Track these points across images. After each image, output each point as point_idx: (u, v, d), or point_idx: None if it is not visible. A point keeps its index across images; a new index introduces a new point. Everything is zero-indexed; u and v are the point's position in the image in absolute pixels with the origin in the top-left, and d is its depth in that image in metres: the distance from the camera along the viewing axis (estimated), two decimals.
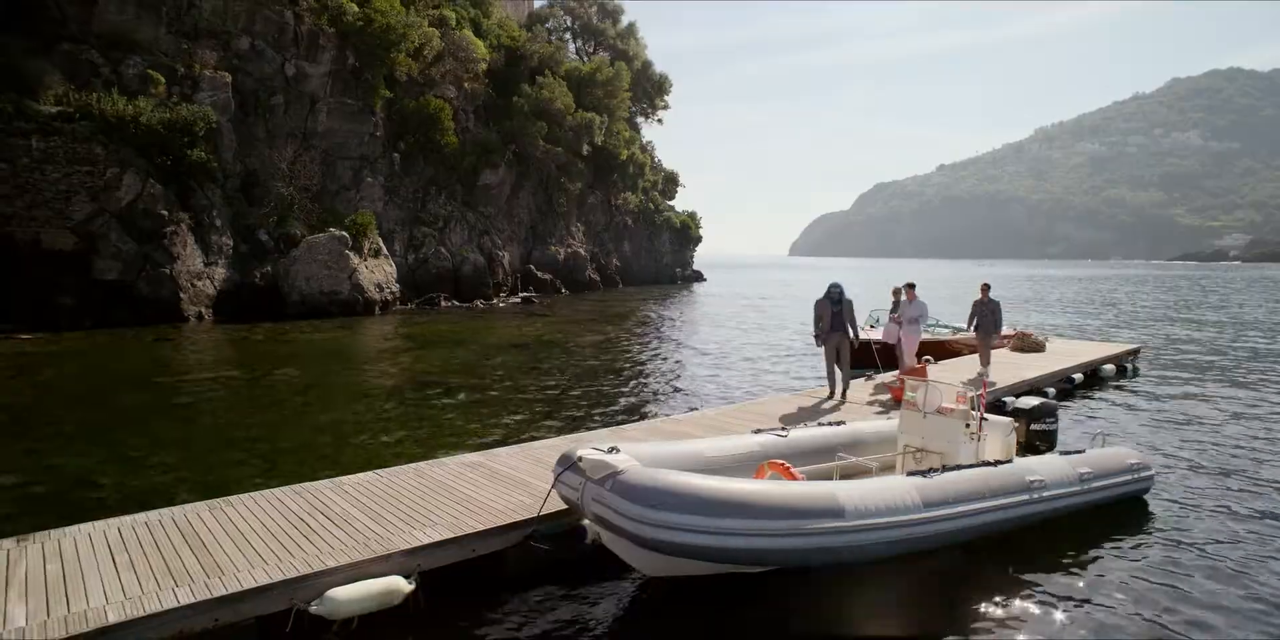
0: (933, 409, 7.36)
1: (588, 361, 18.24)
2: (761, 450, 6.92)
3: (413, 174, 37.79)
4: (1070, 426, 11.26)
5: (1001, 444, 7.59)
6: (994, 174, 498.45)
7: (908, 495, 5.66)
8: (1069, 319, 33.24)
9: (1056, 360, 15.76)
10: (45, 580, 4.60)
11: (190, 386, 13.93)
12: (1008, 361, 15.50)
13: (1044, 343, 17.76)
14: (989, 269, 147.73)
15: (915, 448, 7.48)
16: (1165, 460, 9.49)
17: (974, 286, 19.30)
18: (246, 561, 4.89)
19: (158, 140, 25.68)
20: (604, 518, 5.11)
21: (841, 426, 7.96)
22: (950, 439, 7.15)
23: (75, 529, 5.45)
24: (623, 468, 5.13)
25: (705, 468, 6.23)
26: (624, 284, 53.70)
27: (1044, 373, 14.16)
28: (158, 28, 28.45)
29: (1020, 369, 14.43)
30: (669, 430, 9.06)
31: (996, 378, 13.33)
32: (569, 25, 59.49)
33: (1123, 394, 14.45)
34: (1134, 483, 7.71)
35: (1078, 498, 7.00)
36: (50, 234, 23.51)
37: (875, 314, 18.74)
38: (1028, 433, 8.47)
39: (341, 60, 34.05)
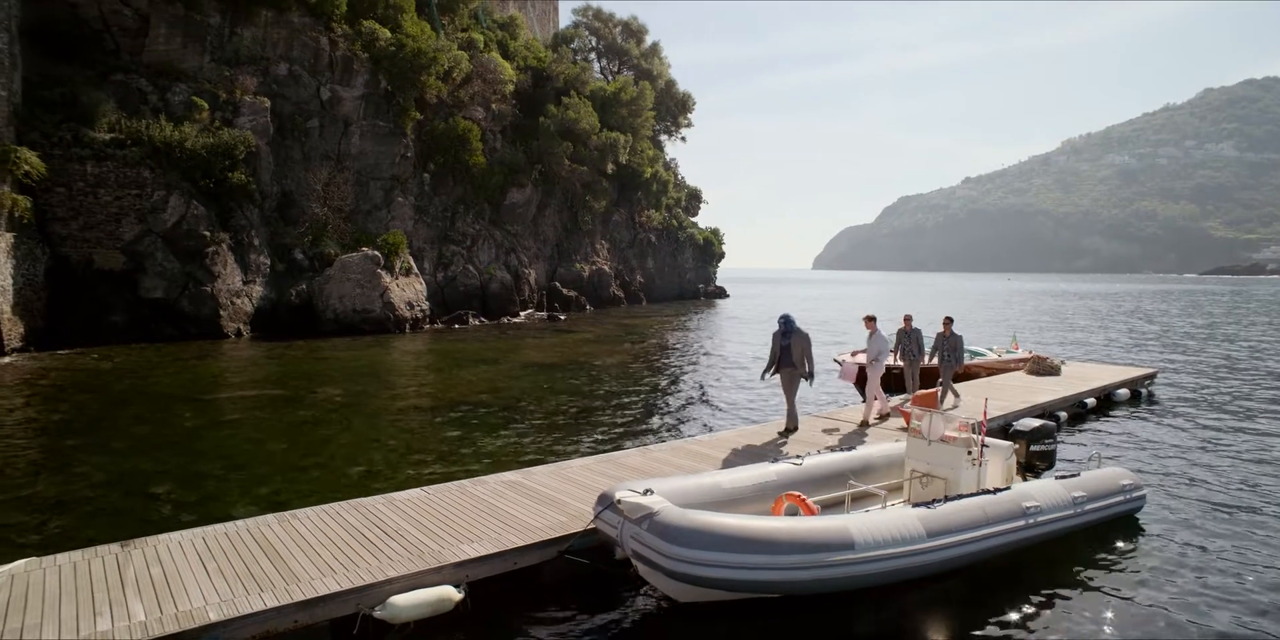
0: (937, 437, 7.89)
1: (614, 380, 18.87)
2: (778, 480, 7.51)
3: (442, 193, 38.82)
4: (1073, 450, 11.69)
5: (1002, 468, 8.13)
6: (1020, 187, 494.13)
7: (912, 526, 6.24)
8: (1089, 338, 33.31)
9: (1070, 384, 15.94)
10: (152, 581, 5.34)
11: (237, 403, 14.75)
12: (1021, 385, 15.84)
13: (1059, 366, 17.92)
14: (1015, 283, 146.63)
15: (921, 473, 8.01)
16: (1162, 482, 9.92)
17: (1005, 302, 19.64)
18: (318, 570, 5.57)
19: (201, 164, 26.85)
20: (641, 554, 5.78)
21: (853, 452, 8.52)
22: (953, 465, 7.69)
23: (167, 537, 6.20)
24: (657, 509, 5.80)
25: (727, 498, 6.92)
26: (647, 300, 54.38)
27: (1056, 397, 14.40)
28: (202, 56, 29.74)
29: (1033, 393, 14.70)
30: (693, 451, 9.68)
31: (1009, 401, 13.75)
32: (594, 45, 60.58)
33: (1133, 419, 14.65)
34: (1126, 503, 8.24)
35: (1072, 520, 7.53)
36: (102, 254, 24.69)
37: (893, 339, 19.19)
38: (1027, 453, 8.89)
39: (374, 84, 35.20)
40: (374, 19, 35.41)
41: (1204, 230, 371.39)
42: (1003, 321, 42.21)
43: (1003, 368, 18.54)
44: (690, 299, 61.65)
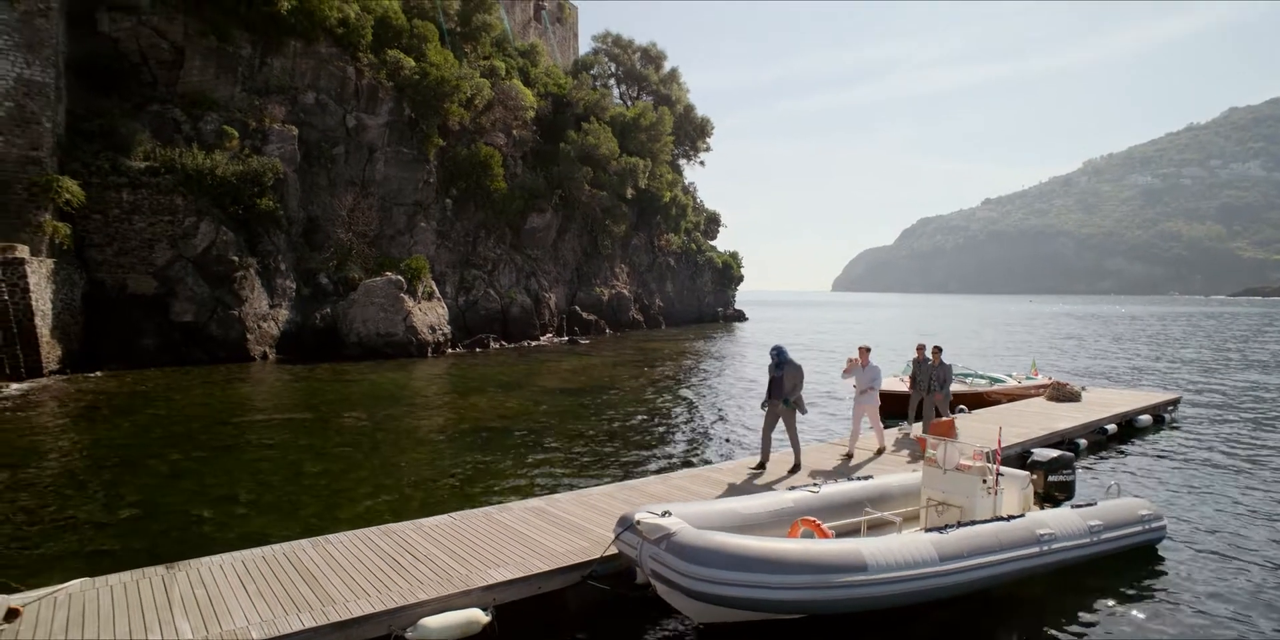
0: (952, 466, 8.04)
1: (634, 405, 19.08)
2: (794, 506, 7.68)
3: (463, 218, 39.44)
4: (1093, 477, 11.70)
5: (1018, 497, 8.25)
6: (1041, 208, 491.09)
7: (925, 550, 6.39)
8: (1112, 362, 33.10)
9: (1091, 411, 15.83)
10: (197, 602, 5.62)
11: (266, 427, 15.11)
12: (1040, 412, 15.84)
13: (1079, 392, 17.86)
14: (1036, 305, 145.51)
15: (937, 501, 8.14)
16: (1183, 512, 9.91)
17: (1026, 326, 19.64)
18: (351, 593, 5.81)
19: (230, 190, 27.59)
20: (659, 573, 5.98)
21: (869, 481, 8.68)
22: (969, 493, 7.82)
23: (209, 560, 6.49)
24: (674, 530, 6.01)
25: (744, 524, 7.10)
26: (666, 324, 54.61)
27: (1076, 424, 14.32)
28: (233, 86, 30.64)
29: (1052, 420, 14.66)
30: (712, 478, 9.88)
31: (1028, 428, 13.77)
32: (613, 71, 61.49)
33: (1155, 446, 14.54)
34: (1145, 533, 8.27)
35: (1088, 548, 7.61)
36: (135, 279, 25.38)
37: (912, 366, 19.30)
38: (1045, 484, 8.90)
39: (398, 111, 36.02)
40: (399, 48, 36.31)
41: (1231, 251, 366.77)
42: (1023, 346, 42.03)
43: (1022, 394, 18.56)
44: (709, 322, 61.80)
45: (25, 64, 23.25)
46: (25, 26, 23.53)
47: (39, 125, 23.19)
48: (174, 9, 28.67)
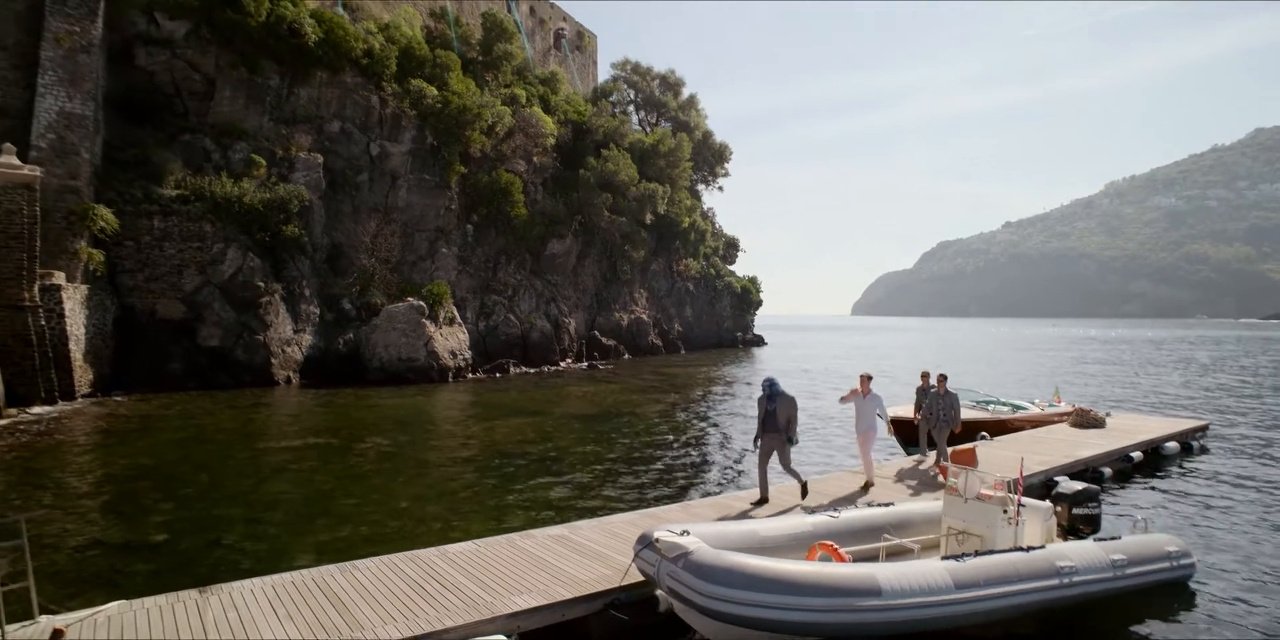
0: (973, 495, 8.04)
1: (654, 431, 19.14)
2: (813, 531, 7.72)
3: (484, 244, 39.92)
4: (1119, 512, 11.51)
5: (1041, 528, 8.20)
6: (1063, 231, 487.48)
7: (940, 577, 6.40)
8: (1138, 387, 32.71)
9: (1115, 438, 15.58)
10: (230, 625, 5.76)
11: (292, 452, 15.32)
12: (1063, 439, 15.67)
13: (1103, 418, 17.61)
14: (1060, 329, 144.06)
15: (958, 530, 8.13)
16: (1215, 548, 9.67)
17: (1049, 351, 19.51)
18: (379, 619, 5.93)
19: (257, 217, 28.19)
20: (676, 591, 6.05)
21: (890, 508, 8.68)
22: (989, 523, 7.81)
23: (240, 584, 6.65)
24: (692, 549, 6.09)
25: (762, 546, 7.14)
26: (685, 349, 54.63)
27: (1100, 451, 14.09)
28: (262, 116, 31.41)
29: (1076, 447, 14.44)
30: (731, 506, 9.92)
31: (1050, 455, 13.65)
32: (632, 98, 62.24)
33: (1183, 475, 14.26)
34: (1172, 570, 8.09)
35: (1110, 583, 7.50)
36: (165, 304, 25.92)
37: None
38: (1070, 517, 8.72)
39: (421, 139, 36.70)
40: (422, 78, 37.08)
41: (1262, 273, 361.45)
42: (1045, 371, 41.63)
43: (1045, 421, 18.39)
44: (728, 347, 61.71)
45: (67, 98, 24.06)
46: (69, 62, 24.41)
47: (78, 156, 23.91)
48: (207, 42, 29.55)
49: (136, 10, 28.25)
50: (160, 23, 28.87)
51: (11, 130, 23.54)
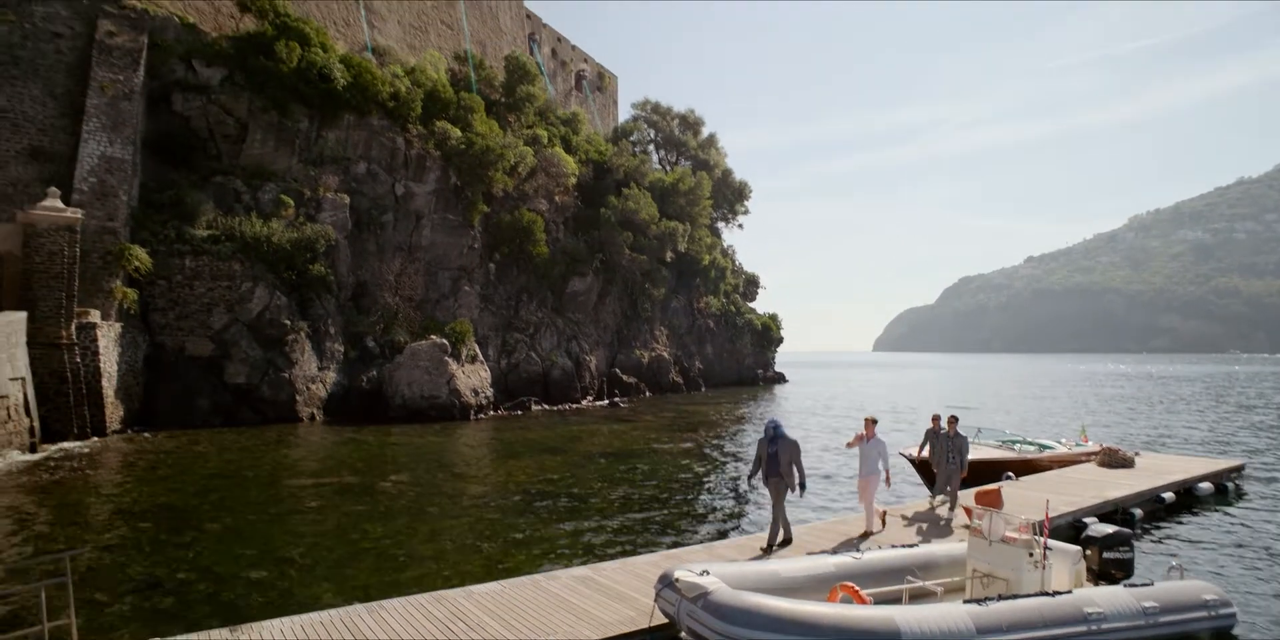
0: (998, 537, 7.95)
1: (676, 470, 19.07)
2: (835, 572, 7.66)
3: (506, 282, 40.34)
4: (1151, 554, 11.24)
5: (1069, 572, 8.04)
6: (1087, 265, 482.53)
7: (961, 621, 6.33)
8: (1168, 425, 32.07)
9: (1146, 478, 15.28)
10: None
11: (316, 490, 15.43)
12: (1091, 479, 15.42)
13: (1132, 458, 17.32)
14: (1086, 366, 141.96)
15: (983, 573, 8.03)
16: (1258, 597, 9.34)
17: (1076, 387, 19.23)
18: None
19: (285, 257, 28.77)
20: (696, 631, 6.06)
21: (914, 549, 8.59)
22: (1015, 566, 7.71)
23: (270, 623, 6.74)
24: (712, 589, 6.10)
25: (783, 587, 7.10)
26: (706, 386, 54.43)
27: (1130, 492, 13.82)
28: (291, 158, 32.25)
29: (1104, 488, 14.19)
30: (754, 547, 9.89)
31: (1078, 496, 13.42)
32: (652, 137, 63.04)
33: (1220, 518, 13.87)
34: (1209, 619, 7.78)
35: (1142, 632, 7.27)
36: (194, 342, 26.39)
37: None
38: (1100, 561, 8.49)
39: (445, 180, 37.42)
40: (446, 119, 37.97)
41: None
42: (1072, 410, 41.01)
43: (1072, 460, 18.12)
44: (749, 385, 61.42)
45: (109, 142, 24.95)
46: (111, 109, 25.37)
47: (117, 198, 24.68)
48: (240, 88, 30.53)
49: (175, 58, 29.34)
50: (197, 70, 29.92)
51: (57, 174, 24.44)
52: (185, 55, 29.70)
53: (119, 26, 27.37)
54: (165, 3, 30.48)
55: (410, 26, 44.06)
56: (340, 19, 39.18)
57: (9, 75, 25.16)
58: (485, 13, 50.46)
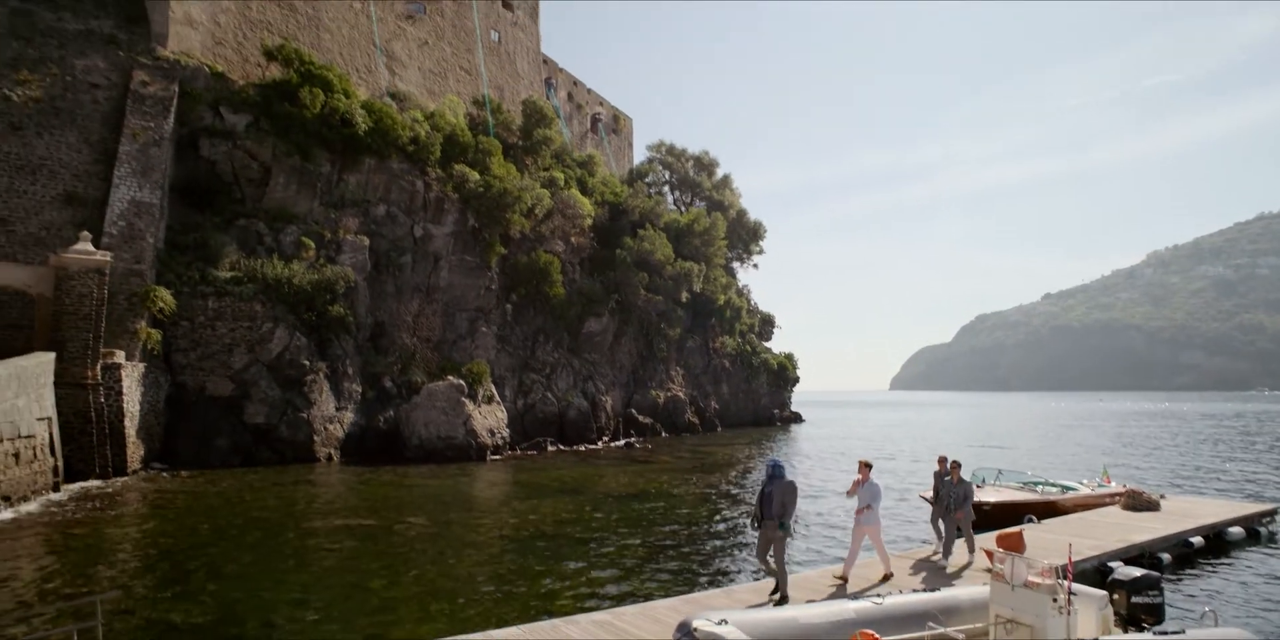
0: (1020, 581, 7.83)
1: (693, 512, 18.93)
2: (855, 617, 7.56)
3: (523, 323, 40.61)
4: (1182, 599, 11.00)
5: (1095, 618, 7.86)
6: (1106, 302, 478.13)
7: None
8: (1196, 467, 31.51)
9: (1173, 521, 14.95)
10: None
11: (334, 532, 15.44)
12: (1115, 522, 15.15)
13: (1158, 501, 16.99)
14: (1108, 404, 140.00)
15: (1006, 618, 7.90)
16: None
17: (1099, 426, 18.98)
18: None
19: (305, 298, 29.18)
20: None
21: (936, 593, 8.46)
22: (1039, 612, 7.56)
23: None
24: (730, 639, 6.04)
25: (801, 634, 7.03)
26: (722, 426, 54.06)
27: (1157, 536, 13.52)
28: (312, 201, 32.92)
29: (1130, 532, 13.92)
30: (771, 590, 9.73)
31: (1102, 540, 13.19)
32: (667, 179, 63.78)
33: (1253, 563, 13.48)
34: None
35: None
36: (214, 382, 26.70)
37: (980, 474, 18.85)
38: (1129, 605, 8.28)
39: (463, 222, 37.98)
40: (464, 162, 38.71)
41: None
42: (1093, 449, 40.37)
43: (1096, 503, 17.85)
44: (765, 425, 60.96)
45: (138, 187, 25.67)
46: (142, 155, 26.15)
47: (144, 241, 25.27)
48: (265, 133, 31.35)
49: (204, 106, 30.23)
50: (225, 116, 30.80)
51: (89, 218, 25.13)
52: (213, 102, 30.60)
53: (152, 76, 28.34)
54: (196, 54, 31.53)
55: (430, 72, 45.23)
56: (362, 66, 40.32)
57: (49, 125, 26.11)
58: (503, 58, 51.75)
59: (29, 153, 25.56)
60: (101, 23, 29.26)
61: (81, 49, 28.12)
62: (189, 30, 31.71)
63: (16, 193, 25.06)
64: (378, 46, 41.43)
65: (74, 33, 28.36)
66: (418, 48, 44.53)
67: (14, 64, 26.50)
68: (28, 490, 17.47)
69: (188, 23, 31.71)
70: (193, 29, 31.90)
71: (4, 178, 24.94)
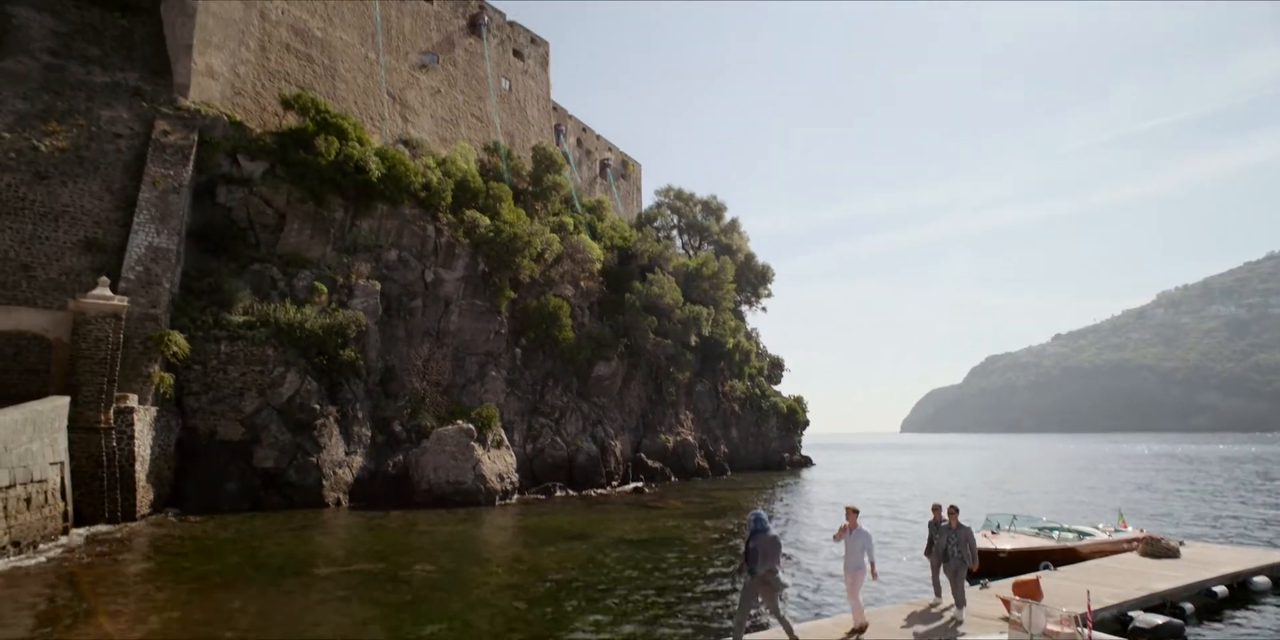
0: (1039, 630, 7.78)
1: (704, 558, 18.72)
2: None
3: (532, 367, 40.68)
4: None
5: None
6: (1117, 342, 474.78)
7: None
8: (1215, 512, 30.97)
9: (1194, 569, 14.66)
10: None
11: (342, 579, 15.35)
12: (1134, 570, 14.89)
13: (1177, 548, 16.71)
14: (1123, 446, 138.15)
15: None
16: None
17: (1115, 469, 18.78)
18: None
19: (317, 342, 29.40)
20: None
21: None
22: None
23: None
24: None
25: None
26: (732, 470, 53.46)
27: (1178, 585, 13.27)
28: (325, 246, 33.40)
29: (1150, 579, 13.65)
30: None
31: (1121, 588, 12.97)
32: (675, 223, 64.37)
33: None
34: None
35: None
36: (225, 426, 26.78)
37: (994, 519, 18.65)
38: None
39: (473, 266, 38.39)
40: (475, 208, 39.28)
41: None
42: (1107, 493, 39.74)
43: (1113, 549, 17.60)
44: (776, 469, 60.28)
45: (156, 233, 26.18)
46: (161, 202, 26.75)
47: (160, 286, 25.66)
48: (280, 180, 32.00)
49: (222, 153, 30.95)
50: (241, 164, 31.51)
51: (108, 263, 25.60)
52: (231, 150, 31.32)
53: (173, 126, 29.13)
54: (216, 103, 32.41)
55: (442, 119, 46.26)
56: (376, 114, 41.30)
57: (74, 173, 26.80)
58: (514, 106, 52.92)
59: (53, 200, 26.18)
60: (127, 75, 30.25)
61: (108, 101, 29.02)
62: (210, 81, 32.64)
63: (39, 239, 25.58)
64: (392, 95, 42.50)
65: (101, 85, 29.31)
66: (430, 96, 45.65)
67: (44, 116, 27.38)
68: (37, 535, 17.44)
69: (209, 74, 32.67)
70: (213, 80, 32.84)
71: (28, 225, 25.52)
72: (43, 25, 29.58)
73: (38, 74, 28.22)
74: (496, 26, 51.43)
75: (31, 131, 26.72)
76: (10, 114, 26.93)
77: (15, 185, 25.73)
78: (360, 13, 41.24)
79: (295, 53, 37.24)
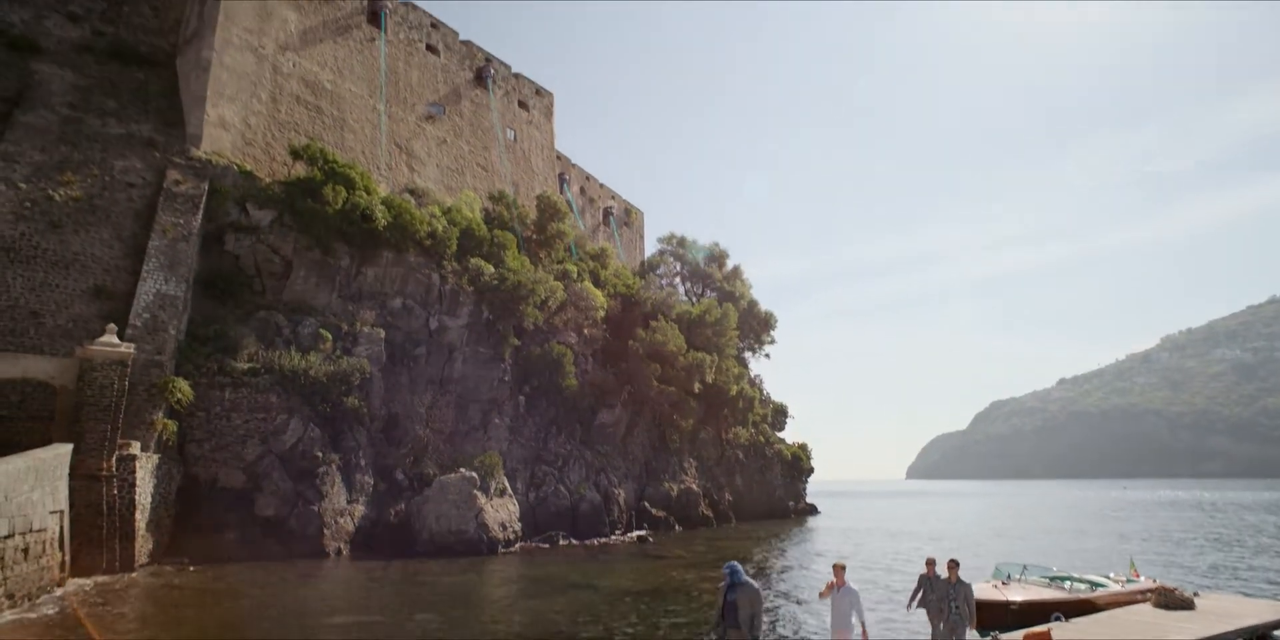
0: None
1: (708, 611, 18.36)
2: None
3: (535, 415, 40.51)
4: None
5: None
6: (1122, 386, 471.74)
7: None
8: (1231, 563, 30.42)
9: (1211, 622, 14.35)
10: None
11: (343, 631, 15.07)
12: (1148, 622, 14.60)
13: (1191, 599, 16.40)
14: (1132, 492, 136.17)
15: None
16: None
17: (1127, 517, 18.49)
18: None
19: (320, 389, 29.40)
20: None
21: None
22: None
23: None
24: None
25: None
26: (736, 519, 52.61)
27: (1195, 637, 13.00)
28: (331, 294, 33.67)
29: (1166, 632, 13.39)
30: None
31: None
32: (678, 270, 64.89)
33: None
34: None
35: None
36: (226, 473, 26.62)
37: (1004, 569, 18.37)
38: None
39: (477, 314, 38.56)
40: (480, 256, 39.64)
41: None
42: (1118, 540, 39.09)
43: (1127, 600, 17.26)
44: (781, 517, 59.41)
45: (164, 280, 26.45)
46: (170, 249, 27.10)
47: (166, 333, 25.82)
48: (288, 228, 32.41)
49: (231, 202, 31.40)
50: (250, 212, 31.93)
51: (116, 310, 25.80)
52: (240, 199, 31.78)
53: (185, 175, 29.67)
54: (227, 153, 33.05)
55: (448, 169, 47.04)
56: (383, 163, 42.02)
57: (86, 222, 27.21)
58: (518, 155, 53.85)
59: (64, 249, 26.51)
60: (142, 127, 30.95)
61: (122, 151, 29.65)
62: (222, 132, 33.36)
63: (49, 287, 25.83)
64: (399, 145, 43.33)
65: (116, 136, 29.99)
66: (436, 146, 46.51)
67: (60, 166, 27.96)
68: (33, 587, 17.17)
69: (221, 125, 33.40)
70: (225, 130, 33.57)
71: (39, 272, 25.79)
72: (64, 80, 30.43)
73: (56, 127, 28.91)
74: (502, 78, 52.65)
75: (47, 182, 27.24)
76: (28, 165, 27.51)
77: (29, 234, 26.10)
78: (369, 65, 42.33)
79: (305, 104, 38.11)
